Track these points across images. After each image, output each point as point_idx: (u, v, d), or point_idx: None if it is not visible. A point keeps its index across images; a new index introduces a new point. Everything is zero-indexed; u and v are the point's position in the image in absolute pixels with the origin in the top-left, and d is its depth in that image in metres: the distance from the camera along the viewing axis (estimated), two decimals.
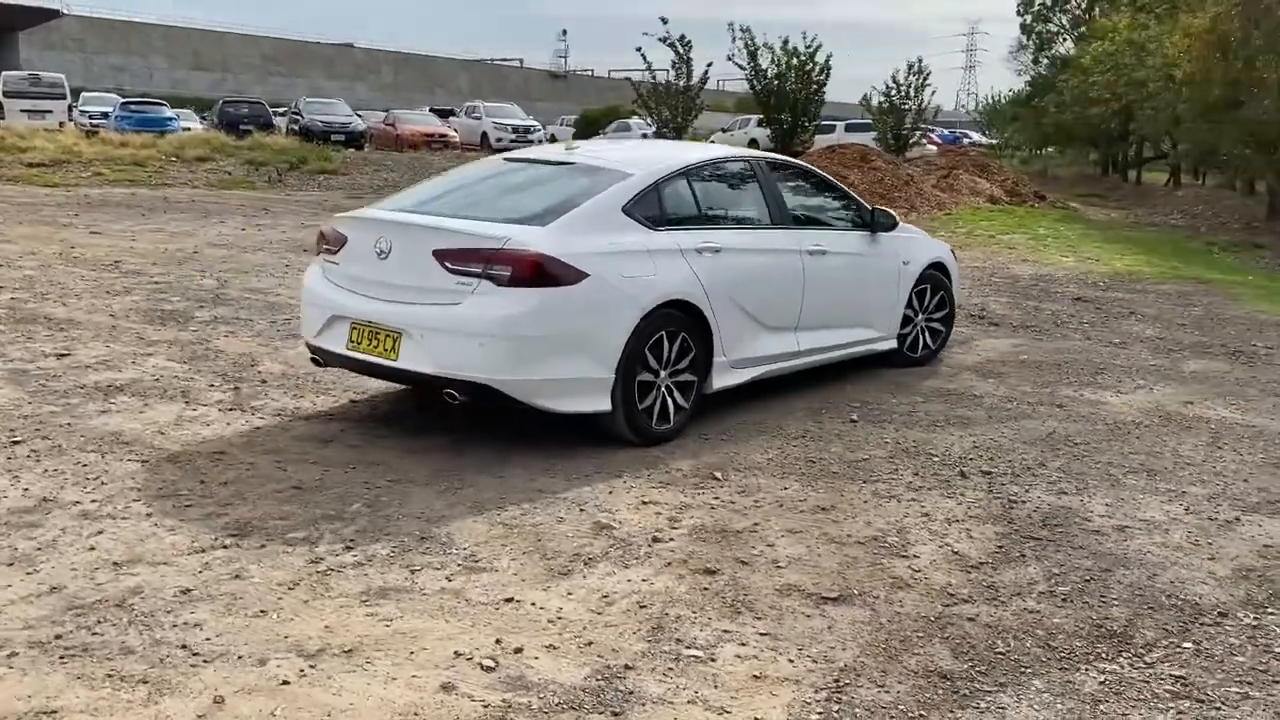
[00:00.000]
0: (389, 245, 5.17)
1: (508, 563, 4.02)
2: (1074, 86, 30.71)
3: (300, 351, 7.10)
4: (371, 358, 5.20)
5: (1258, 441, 6.23)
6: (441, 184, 6.02)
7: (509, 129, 34.49)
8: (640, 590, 3.83)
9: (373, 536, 4.21)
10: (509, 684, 3.18)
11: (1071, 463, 5.61)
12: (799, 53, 29.71)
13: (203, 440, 5.35)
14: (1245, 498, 5.22)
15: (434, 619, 3.55)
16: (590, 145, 6.37)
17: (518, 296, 4.91)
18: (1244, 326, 10.33)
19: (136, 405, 5.90)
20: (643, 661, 3.34)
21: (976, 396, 6.93)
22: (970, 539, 4.45)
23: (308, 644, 3.36)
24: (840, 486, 5.01)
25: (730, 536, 4.36)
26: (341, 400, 6.18)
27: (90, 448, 5.17)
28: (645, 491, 4.83)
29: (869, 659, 3.43)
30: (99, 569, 3.85)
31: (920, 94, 32.77)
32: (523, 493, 4.74)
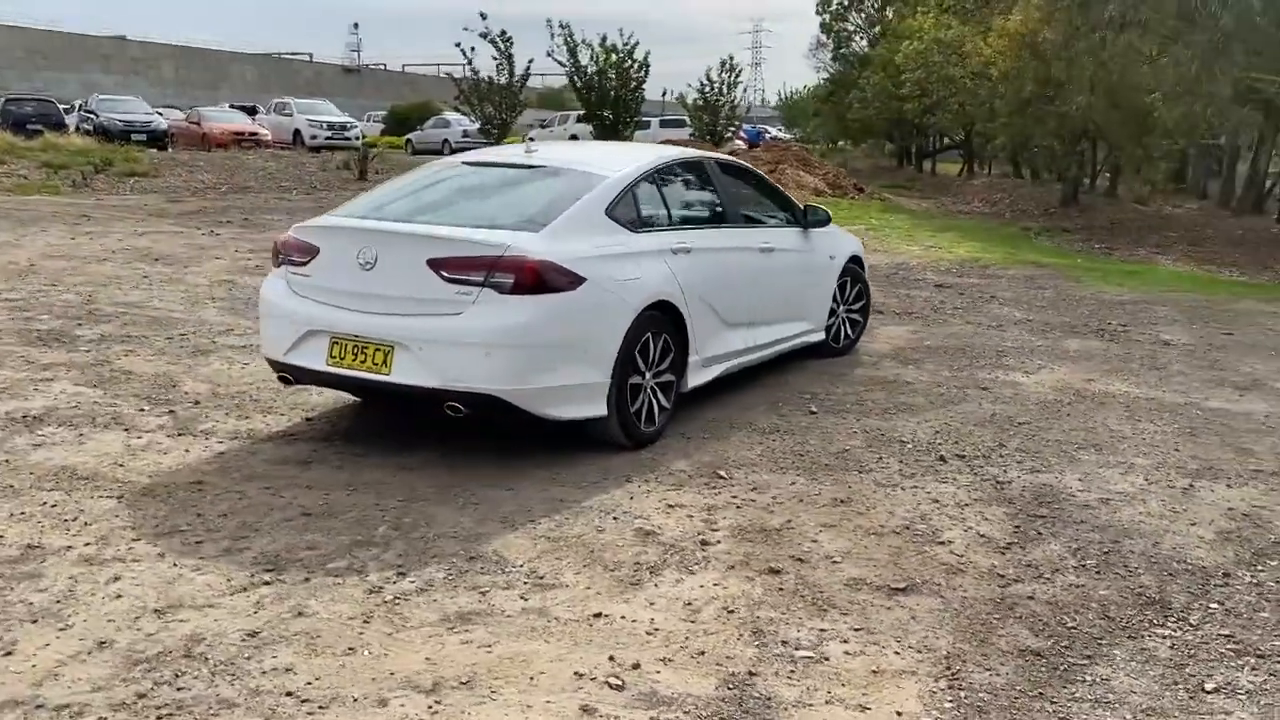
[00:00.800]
0: (374, 255, 4.96)
1: (573, 577, 3.94)
2: (875, 83, 32.26)
3: (218, 369, 6.72)
4: (358, 373, 4.98)
5: (1164, 413, 6.76)
6: (404, 189, 5.80)
7: (324, 126, 33.31)
8: (719, 595, 3.83)
9: (419, 560, 4.05)
10: (646, 700, 3.13)
11: (1026, 442, 5.94)
12: (618, 49, 29.97)
13: (170, 470, 4.99)
14: (1185, 465, 5.66)
15: (532, 641, 3.46)
16: (547, 147, 6.27)
17: (521, 304, 4.80)
18: (1095, 306, 11.15)
19: (70, 436, 5.44)
20: (762, 666, 3.35)
21: (908, 383, 7.23)
22: (987, 521, 4.66)
23: (419, 679, 3.21)
24: (841, 479, 5.14)
25: (772, 535, 4.41)
26: (294, 419, 5.88)
27: (48, 485, 4.74)
28: (663, 494, 4.82)
29: (965, 645, 3.56)
30: (139, 618, 3.56)
31: (733, 90, 33.67)
32: (543, 504, 4.65)
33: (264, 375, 6.61)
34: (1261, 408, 7.02)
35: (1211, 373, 8.05)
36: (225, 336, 7.84)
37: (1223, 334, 9.90)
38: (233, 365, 7.01)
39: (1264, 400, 7.24)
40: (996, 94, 19.37)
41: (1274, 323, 10.68)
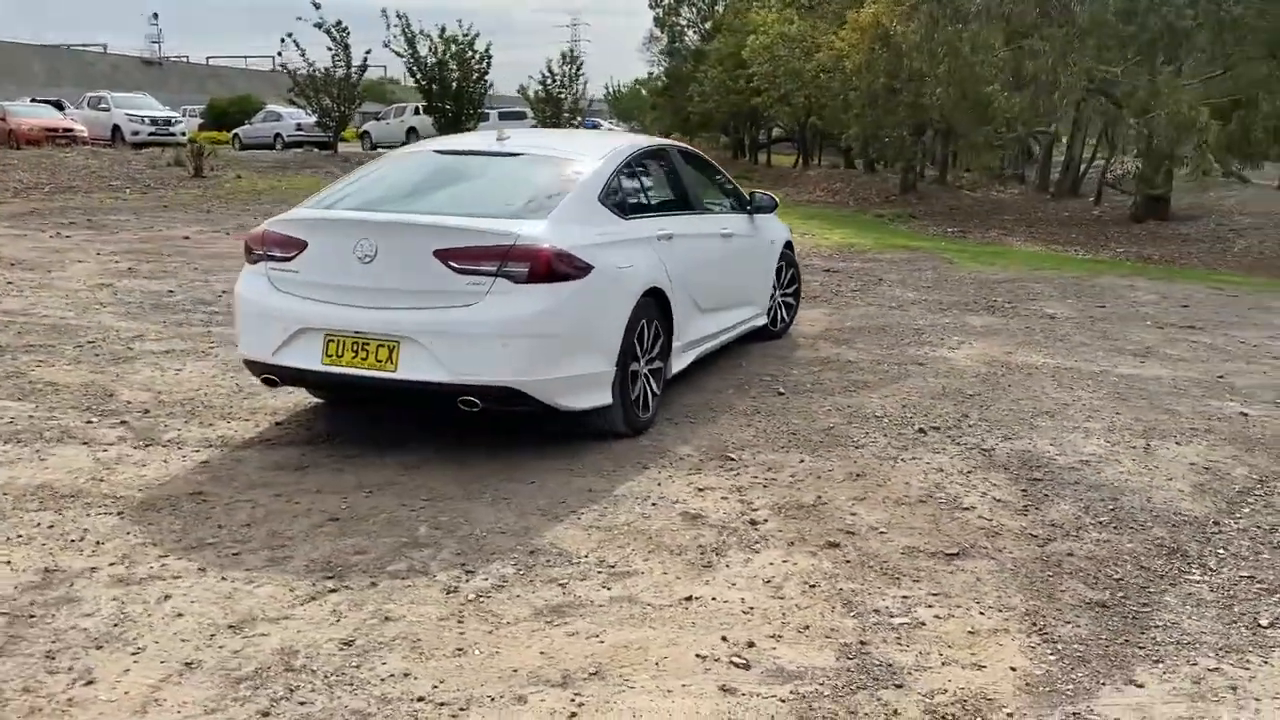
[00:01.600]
0: (374, 248, 4.79)
1: (644, 564, 3.94)
2: (713, 77, 32.89)
3: (151, 377, 6.37)
4: (360, 371, 4.80)
5: (1088, 380, 7.21)
6: (380, 179, 5.59)
7: (145, 121, 31.52)
8: (793, 571, 3.90)
9: (481, 558, 3.96)
10: (777, 676, 3.18)
11: (985, 413, 6.24)
12: (458, 40, 29.54)
13: (159, 483, 4.70)
14: (1132, 427, 6.06)
15: (637, 628, 3.44)
16: (517, 134, 6.15)
17: (537, 294, 4.74)
18: (976, 285, 11.74)
19: (25, 453, 5.05)
20: (869, 635, 3.44)
21: (851, 362, 7.46)
22: (996, 487, 4.89)
23: (545, 674, 3.16)
24: (843, 454, 5.29)
25: (810, 511, 4.50)
26: (262, 424, 5.62)
27: (31, 505, 4.40)
28: (687, 479, 4.85)
29: (1036, 601, 3.74)
30: (215, 635, 3.36)
31: (575, 83, 33.70)
32: (574, 495, 4.61)
33: (204, 382, 6.32)
34: (1165, 373, 7.55)
35: (1107, 342, 8.61)
36: (139, 343, 7.39)
37: (1096, 306, 10.58)
38: (164, 372, 6.63)
39: (1162, 366, 7.79)
40: (850, 86, 20.07)
41: (1135, 295, 11.48)
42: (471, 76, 29.87)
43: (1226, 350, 8.43)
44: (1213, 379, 7.38)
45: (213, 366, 6.78)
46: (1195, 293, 11.76)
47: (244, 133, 36.56)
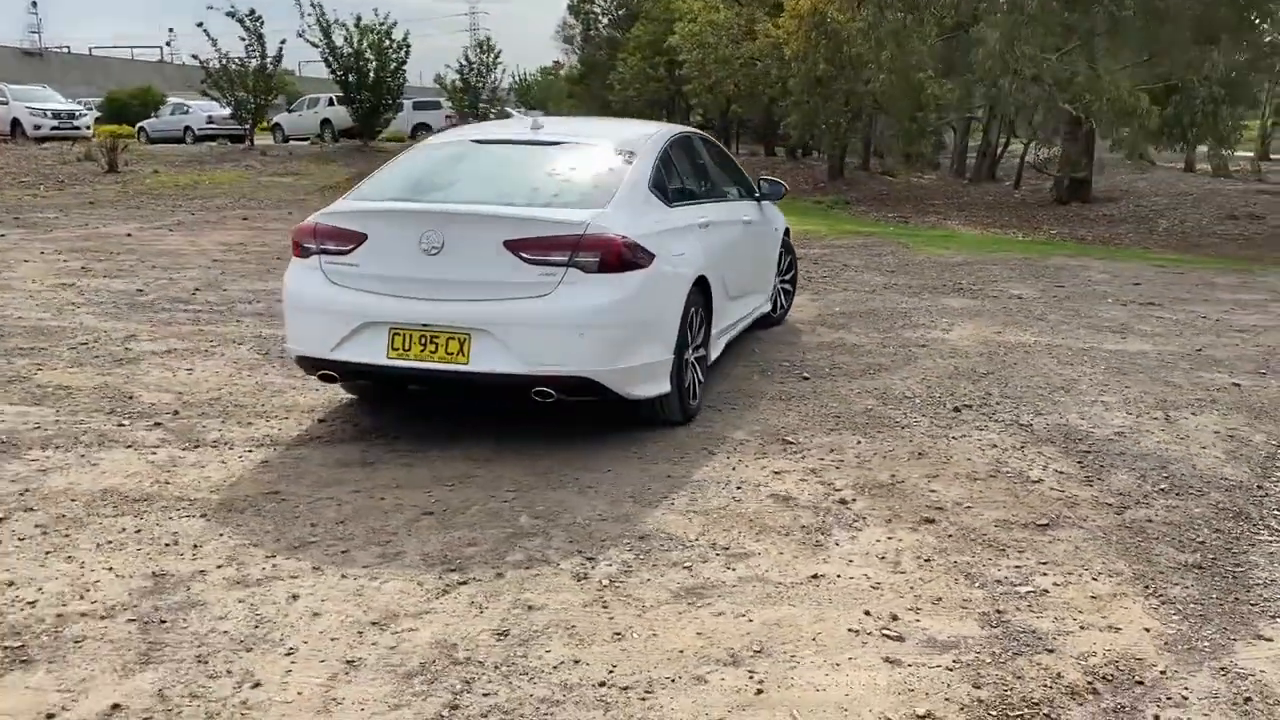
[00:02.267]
0: (440, 239, 4.74)
1: (755, 545, 4.00)
2: (633, 65, 32.94)
3: (163, 377, 6.22)
4: (429, 364, 4.76)
5: (1083, 357, 7.48)
6: (424, 170, 5.52)
7: (48, 114, 30.23)
8: (902, 547, 4.00)
9: (594, 545, 3.98)
10: (933, 646, 3.27)
11: (1004, 390, 6.44)
12: (374, 29, 29.03)
13: (228, 484, 4.61)
14: (1144, 400, 6.32)
15: (778, 606, 3.51)
16: (551, 123, 6.11)
17: (609, 283, 4.75)
18: (938, 268, 12.04)
19: (71, 458, 4.90)
20: (1002, 605, 3.55)
21: (858, 345, 7.62)
22: (1053, 460, 5.07)
23: (712, 653, 3.20)
24: (894, 435, 5.41)
25: (891, 489, 4.61)
26: (304, 422, 5.53)
27: (106, 511, 4.27)
28: (759, 463, 4.93)
29: (1139, 566, 3.90)
30: (363, 632, 3.33)
31: (493, 71, 33.43)
32: (657, 482, 4.65)
33: (222, 381, 6.20)
34: (1148, 347, 7.87)
35: (1081, 320, 8.93)
36: (134, 343, 7.18)
37: (1056, 286, 10.95)
38: (175, 373, 6.46)
39: (1142, 341, 8.12)
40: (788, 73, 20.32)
41: (1088, 275, 11.90)
42: (390, 66, 29.34)
43: (1193, 325, 8.81)
44: (1192, 352, 7.71)
45: (224, 365, 6.62)
46: (1142, 271, 12.23)
47: (150, 126, 35.38)
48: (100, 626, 3.31)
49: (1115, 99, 13.45)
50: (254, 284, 9.67)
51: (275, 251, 11.88)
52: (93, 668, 3.08)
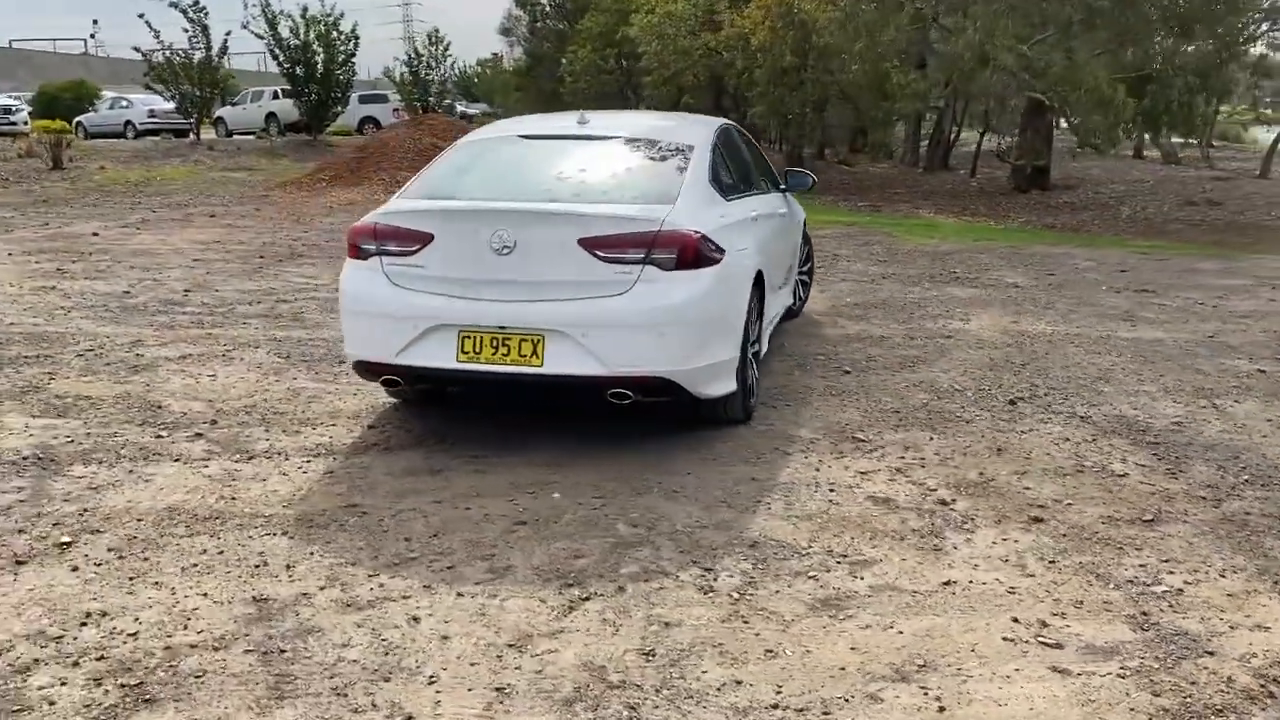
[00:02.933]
0: (513, 239, 4.56)
1: (872, 551, 3.89)
2: (583, 58, 32.68)
3: (187, 385, 5.96)
4: (501, 367, 4.57)
5: (1105, 345, 7.49)
6: (476, 167, 5.31)
7: None
8: (1021, 548, 3.92)
9: (706, 555, 3.85)
10: (1095, 652, 3.19)
11: (1048, 381, 6.41)
12: (321, 20, 28.43)
13: (299, 498, 4.39)
14: (1184, 389, 6.33)
15: (921, 616, 3.40)
16: (595, 116, 5.91)
17: (684, 280, 4.60)
18: (929, 257, 12.05)
19: (121, 474, 4.65)
20: (1143, 605, 3.48)
21: (884, 338, 7.56)
22: (1128, 453, 5.03)
23: (876, 669, 3.09)
24: (962, 430, 5.34)
25: (985, 488, 4.54)
26: (354, 429, 5.31)
27: (179, 531, 4.04)
28: (841, 463, 4.82)
29: (1258, 561, 3.86)
30: (501, 656, 3.16)
31: (443, 63, 32.98)
32: (742, 485, 4.53)
33: (251, 387, 5.97)
34: (1162, 335, 7.91)
35: (1089, 308, 8.97)
36: (143, 349, 6.87)
37: (1048, 274, 11.01)
38: (198, 379, 6.19)
39: (1154, 329, 8.16)
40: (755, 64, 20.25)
41: (1074, 262, 11.99)
42: (338, 59, 28.77)
43: (1194, 311, 8.88)
44: (1205, 338, 7.76)
45: (247, 371, 6.36)
46: (1125, 258, 12.35)
47: (88, 121, 34.28)
48: (217, 659, 3.10)
49: (1093, 89, 13.58)
50: (245, 284, 9.35)
51: (255, 250, 11.53)
52: (224, 705, 2.87)
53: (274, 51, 28.71)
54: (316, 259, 10.97)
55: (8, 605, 3.41)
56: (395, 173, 18.83)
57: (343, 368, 6.40)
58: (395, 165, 19.02)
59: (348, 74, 29.18)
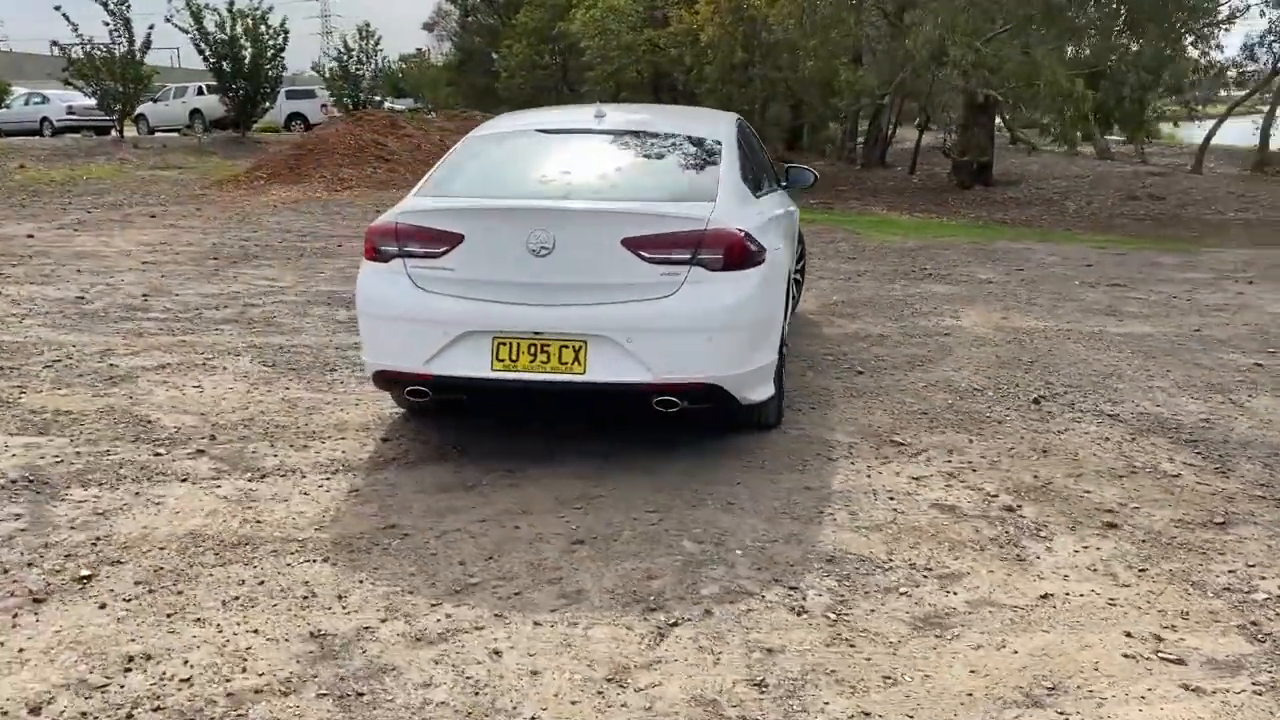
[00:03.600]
0: (551, 239, 4.30)
1: (955, 563, 3.72)
2: (518, 53, 32.32)
3: (172, 397, 5.60)
4: (540, 376, 4.32)
5: (1101, 341, 7.46)
6: (499, 163, 5.03)
7: None
8: (1105, 556, 3.79)
9: (785, 572, 3.65)
10: (1219, 667, 3.06)
11: (1060, 378, 6.33)
12: (248, 14, 27.63)
13: (330, 519, 4.09)
14: (1195, 384, 6.29)
15: (1031, 633, 3.24)
16: (612, 110, 5.64)
17: (731, 281, 4.39)
18: (896, 254, 12.01)
19: (127, 497, 4.30)
20: (1253, 614, 3.37)
21: (884, 336, 7.44)
22: (1171, 451, 4.95)
23: (1003, 694, 2.91)
24: (999, 431, 5.22)
25: (1046, 492, 4.41)
26: (365, 441, 5.02)
27: (208, 560, 3.72)
28: (891, 469, 4.66)
29: None
30: (601, 693, 2.93)
31: (374, 58, 32.33)
32: (797, 495, 4.34)
33: (242, 399, 5.66)
34: (1151, 330, 7.92)
35: (1071, 303, 8.96)
36: (115, 358, 6.47)
37: (1017, 270, 11.03)
38: (183, 391, 5.82)
39: (1141, 323, 8.17)
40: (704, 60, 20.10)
41: (1039, 257, 12.04)
42: (267, 53, 27.97)
43: (1171, 305, 8.94)
44: (1192, 333, 7.78)
45: (234, 381, 6.00)
46: (1086, 253, 12.45)
47: (2, 117, 32.87)
48: (290, 706, 2.81)
49: (1052, 83, 13.68)
50: (206, 288, 8.90)
51: (206, 251, 11.05)
52: None
53: (199, 46, 27.77)
54: (273, 260, 10.53)
55: (36, 651, 3.07)
56: (337, 170, 18.32)
57: (335, 375, 6.07)
58: (336, 163, 18.49)
59: (277, 69, 28.36)
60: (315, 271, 9.84)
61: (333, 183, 17.62)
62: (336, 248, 11.40)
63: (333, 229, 12.95)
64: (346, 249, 11.25)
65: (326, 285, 9.10)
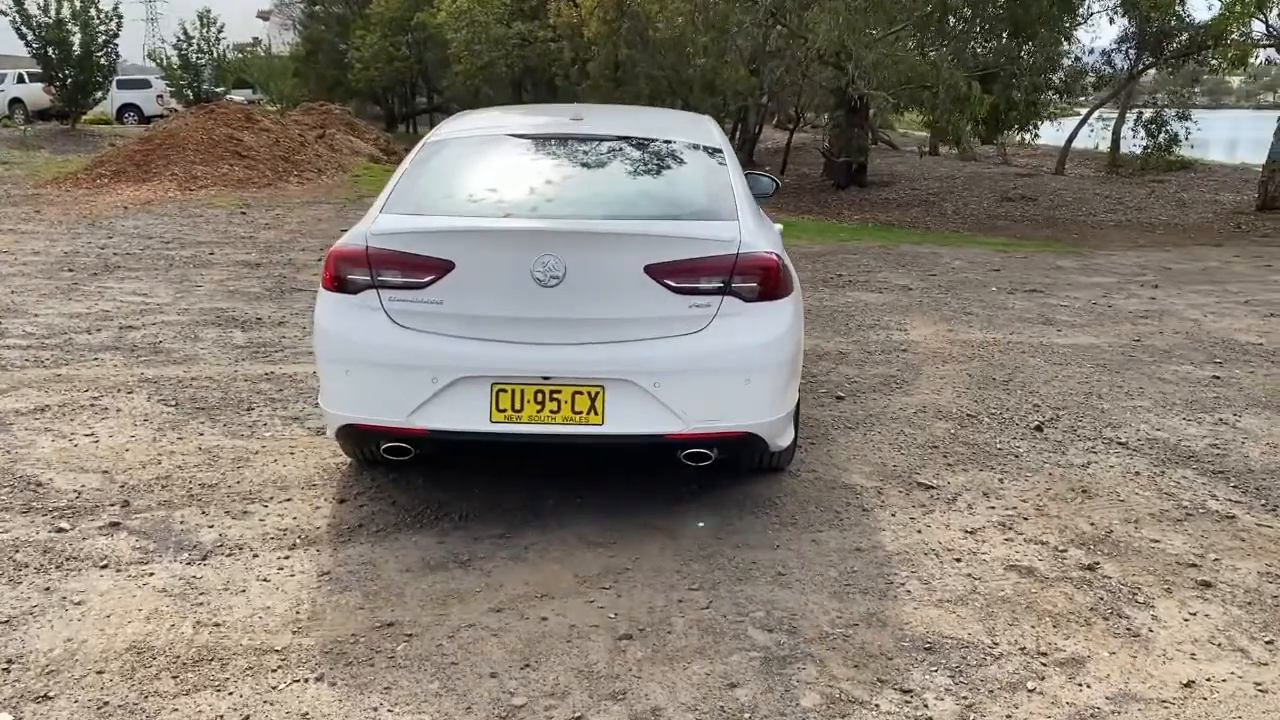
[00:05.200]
0: (562, 266, 3.63)
1: (1065, 642, 3.25)
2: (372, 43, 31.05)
3: (60, 450, 4.71)
4: (549, 428, 3.65)
5: (1053, 355, 7.21)
6: (475, 175, 4.29)
7: None
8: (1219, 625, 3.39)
9: (886, 669, 3.10)
10: None
11: (1042, 400, 6.01)
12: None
13: (306, 617, 3.34)
14: (1174, 403, 6.06)
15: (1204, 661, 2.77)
16: (590, 114, 4.94)
17: (769, 313, 3.82)
18: (809, 259, 11.65)
19: (34, 596, 3.44)
20: None
21: (843, 354, 7.03)
22: (1206, 486, 4.63)
23: None
24: (1021, 466, 4.82)
25: (1115, 545, 3.99)
26: (317, 503, 4.26)
27: (166, 687, 2.93)
28: (931, 519, 4.16)
29: None
30: None
31: (216, 47, 30.48)
32: (849, 559, 3.80)
33: (154, 451, 4.83)
34: (1095, 340, 7.74)
35: (1002, 312, 8.76)
36: None
37: (930, 275, 10.85)
38: (73, 440, 4.90)
39: (1080, 333, 8.00)
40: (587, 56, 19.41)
41: (945, 262, 11.91)
42: (98, 39, 25.92)
43: (1095, 311, 8.84)
44: (1133, 342, 7.65)
45: (133, 425, 5.09)
46: (989, 257, 12.39)
47: None
48: None
49: (951, 85, 13.60)
50: (68, 306, 7.79)
51: (57, 261, 9.80)
52: None
53: (21, 30, 25.50)
54: (139, 271, 9.39)
55: None
56: (189, 168, 16.90)
57: (254, 416, 5.22)
58: (188, 160, 17.05)
59: (109, 57, 26.30)
60: (192, 285, 8.78)
61: (185, 181, 16.22)
62: (208, 255, 10.29)
63: (197, 234, 11.77)
64: (220, 257, 10.17)
65: (209, 301, 8.09)
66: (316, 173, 18.60)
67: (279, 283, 8.89)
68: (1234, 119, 68.60)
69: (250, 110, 19.93)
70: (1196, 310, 8.86)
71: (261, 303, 8.05)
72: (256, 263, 9.88)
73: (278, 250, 10.68)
